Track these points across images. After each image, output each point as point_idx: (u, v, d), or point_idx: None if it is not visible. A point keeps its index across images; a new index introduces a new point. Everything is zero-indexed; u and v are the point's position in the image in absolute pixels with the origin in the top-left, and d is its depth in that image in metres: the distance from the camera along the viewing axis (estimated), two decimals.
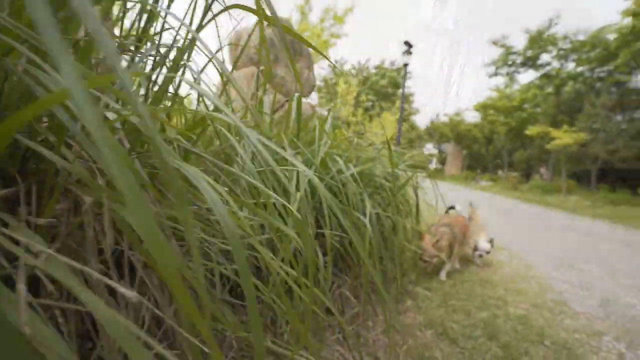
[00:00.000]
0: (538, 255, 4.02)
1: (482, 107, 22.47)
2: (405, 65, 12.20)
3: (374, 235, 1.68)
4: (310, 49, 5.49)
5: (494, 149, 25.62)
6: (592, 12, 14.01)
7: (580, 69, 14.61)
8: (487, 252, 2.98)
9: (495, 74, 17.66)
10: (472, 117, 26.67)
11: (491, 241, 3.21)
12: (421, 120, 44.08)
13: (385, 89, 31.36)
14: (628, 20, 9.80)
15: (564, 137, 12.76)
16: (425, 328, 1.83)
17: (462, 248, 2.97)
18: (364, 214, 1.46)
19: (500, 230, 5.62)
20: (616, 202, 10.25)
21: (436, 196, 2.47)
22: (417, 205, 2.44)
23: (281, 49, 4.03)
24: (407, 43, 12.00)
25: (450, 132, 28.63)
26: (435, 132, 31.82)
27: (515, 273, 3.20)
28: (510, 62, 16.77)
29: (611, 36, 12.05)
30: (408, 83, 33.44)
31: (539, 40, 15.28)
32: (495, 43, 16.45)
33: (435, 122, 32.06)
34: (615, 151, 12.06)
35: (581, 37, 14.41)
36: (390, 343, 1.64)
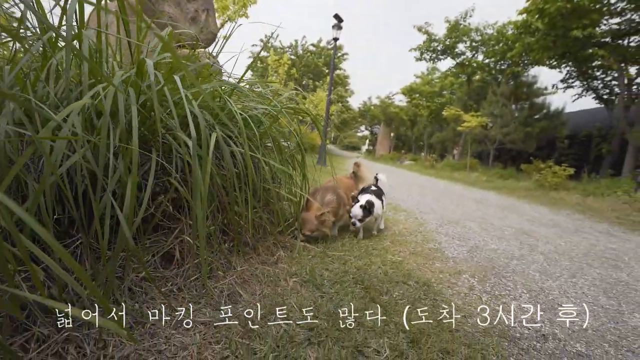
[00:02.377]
0: (432, 216, 4.36)
1: (408, 91, 24.01)
2: (335, 39, 12.07)
3: (229, 174, 1.45)
4: None
5: (417, 131, 27.86)
6: (503, 9, 15.65)
7: (487, 60, 16.50)
8: (360, 220, 2.54)
9: (421, 59, 18.87)
10: (400, 100, 28.43)
11: (376, 178, 3.20)
12: (355, 103, 45.47)
13: (321, 68, 31.15)
14: (523, 17, 11.22)
15: (471, 121, 14.41)
16: (290, 277, 1.71)
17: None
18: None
19: (408, 199, 6.03)
20: (505, 177, 12.06)
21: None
22: (304, 161, 2.29)
23: None
24: (336, 16, 11.83)
25: (381, 115, 30.14)
26: (368, 114, 33.17)
27: (406, 229, 3.38)
28: (432, 49, 18.04)
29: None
30: (343, 65, 33.83)
31: (455, 31, 16.70)
32: (419, 29, 17.44)
33: (367, 104, 33.32)
34: (508, 134, 14.08)
35: (489, 31, 16.17)
36: (246, 292, 1.47)
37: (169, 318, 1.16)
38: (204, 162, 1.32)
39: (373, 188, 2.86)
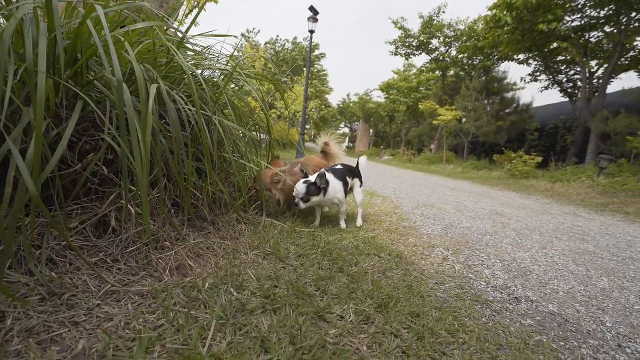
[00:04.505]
0: (408, 200, 4.34)
1: (386, 86, 24.27)
2: (311, 32, 11.92)
3: (176, 134, 1.28)
4: None
5: (395, 127, 28.27)
6: (473, 5, 16.07)
7: (460, 56, 16.93)
8: (303, 200, 2.05)
9: (396, 54, 19.05)
10: (378, 96, 28.71)
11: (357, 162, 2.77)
12: (335, 101, 45.56)
13: (299, 63, 30.92)
14: (493, 12, 11.56)
15: (446, 114, 14.73)
16: (252, 250, 1.56)
17: None
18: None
19: (385, 187, 6.02)
20: (479, 168, 12.42)
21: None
22: (269, 126, 2.13)
23: None
24: (312, 9, 11.68)
25: (359, 111, 30.33)
26: (347, 111, 33.28)
27: (382, 211, 3.31)
28: (407, 44, 18.27)
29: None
30: (322, 62, 33.73)
31: (429, 26, 17.01)
32: (394, 23, 17.60)
33: (346, 102, 33.43)
34: (481, 127, 14.52)
35: (461, 27, 16.59)
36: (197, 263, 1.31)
37: (95, 289, 0.99)
38: (142, 115, 1.15)
39: (338, 167, 2.43)
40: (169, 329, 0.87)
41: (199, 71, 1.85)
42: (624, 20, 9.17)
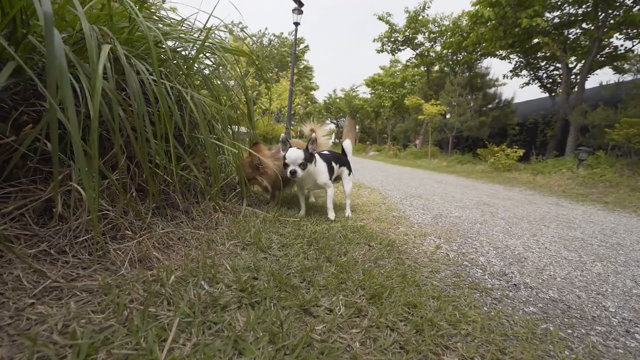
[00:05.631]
0: (396, 192, 4.25)
1: (372, 82, 24.25)
2: (296, 24, 11.69)
3: (139, 109, 1.10)
4: None
5: (381, 123, 28.37)
6: (458, 1, 16.17)
7: (444, 51, 17.07)
8: (301, 167, 1.87)
9: (382, 50, 19.02)
10: (364, 92, 28.70)
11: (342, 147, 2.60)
12: (321, 97, 45.35)
13: (285, 59, 30.48)
14: (477, 8, 11.67)
15: (431, 109, 14.82)
16: (229, 240, 1.40)
17: None
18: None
19: (372, 180, 5.93)
20: (463, 162, 12.58)
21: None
22: (249, 106, 1.96)
23: None
24: (297, 0, 11.44)
25: (346, 107, 30.23)
26: (333, 107, 33.14)
27: (370, 201, 3.20)
28: (393, 39, 18.27)
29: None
30: (307, 57, 33.41)
31: (414, 22, 17.05)
32: (380, 18, 17.54)
33: (332, 97, 33.27)
34: (465, 122, 14.71)
35: (446, 22, 16.71)
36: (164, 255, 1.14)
37: (31, 286, 0.81)
38: (92, 80, 0.97)
39: (325, 152, 2.31)
40: (119, 331, 0.71)
41: (170, 43, 1.66)
42: (601, 16, 9.42)
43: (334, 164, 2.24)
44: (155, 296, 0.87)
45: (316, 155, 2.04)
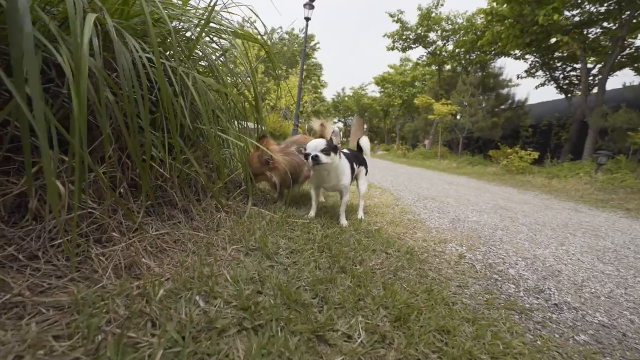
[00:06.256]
0: (407, 193, 4.07)
1: (381, 80, 23.92)
2: (307, 19, 11.50)
3: (130, 91, 0.95)
4: None
5: (390, 122, 28.03)
6: None
7: (457, 50, 16.67)
8: (324, 152, 1.67)
9: (393, 48, 18.69)
10: (372, 91, 28.37)
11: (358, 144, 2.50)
12: (329, 95, 45.10)
13: (296, 57, 30.29)
14: (493, 5, 11.32)
15: (441, 109, 14.50)
16: (231, 244, 1.25)
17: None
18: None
19: (382, 180, 5.75)
20: (474, 163, 12.26)
21: None
22: (257, 99, 1.80)
23: None
24: None
25: (354, 105, 29.94)
26: (341, 105, 32.86)
27: (382, 202, 3.03)
28: (404, 37, 17.91)
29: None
30: (316, 55, 33.18)
31: (427, 19, 16.67)
32: (392, 16, 17.21)
33: (341, 96, 32.98)
34: (476, 123, 14.36)
35: (460, 20, 16.32)
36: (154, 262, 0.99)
37: None
38: (75, 55, 0.82)
39: (345, 151, 2.13)
40: None
41: (173, 24, 1.50)
42: (625, 15, 9.02)
43: (354, 164, 2.07)
44: (139, 316, 0.72)
45: (341, 151, 1.86)
